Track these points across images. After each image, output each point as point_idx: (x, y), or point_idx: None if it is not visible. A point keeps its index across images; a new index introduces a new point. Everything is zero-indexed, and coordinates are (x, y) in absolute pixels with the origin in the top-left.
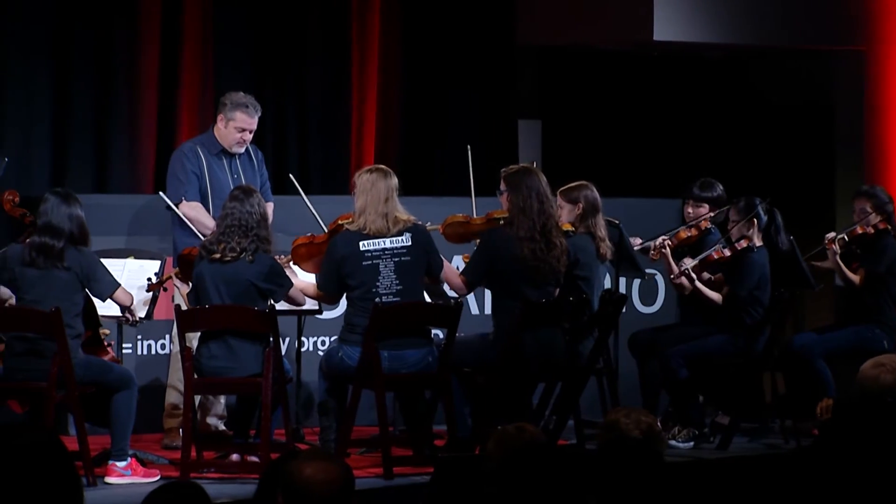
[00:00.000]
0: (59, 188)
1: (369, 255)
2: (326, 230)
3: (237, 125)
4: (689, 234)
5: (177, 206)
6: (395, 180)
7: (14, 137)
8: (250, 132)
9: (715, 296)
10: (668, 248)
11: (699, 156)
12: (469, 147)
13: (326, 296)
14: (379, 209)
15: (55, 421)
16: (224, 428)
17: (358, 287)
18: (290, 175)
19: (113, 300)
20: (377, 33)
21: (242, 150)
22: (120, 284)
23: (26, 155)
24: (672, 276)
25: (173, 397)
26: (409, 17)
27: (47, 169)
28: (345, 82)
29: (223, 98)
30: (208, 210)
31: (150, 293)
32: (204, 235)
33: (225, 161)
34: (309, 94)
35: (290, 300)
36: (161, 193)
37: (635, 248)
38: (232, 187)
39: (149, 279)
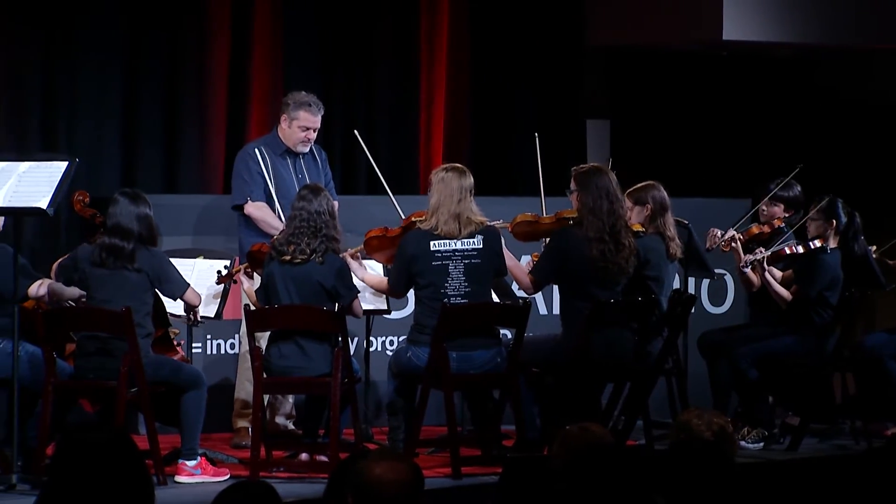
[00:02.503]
0: (127, 189)
1: (439, 255)
2: (402, 223)
3: (301, 124)
4: (761, 231)
5: (242, 206)
6: (470, 180)
7: (85, 138)
8: (314, 130)
9: (783, 292)
10: (738, 241)
11: (768, 155)
12: (537, 135)
13: (394, 290)
14: (451, 209)
15: (126, 420)
16: (293, 427)
17: (427, 286)
18: (356, 131)
19: (182, 300)
20: (446, 33)
21: (307, 149)
22: (190, 284)
23: (97, 156)
24: (741, 265)
25: (242, 396)
26: (478, 17)
27: (117, 169)
28: (413, 82)
29: (286, 98)
30: (273, 210)
31: (221, 286)
32: (270, 235)
33: (289, 161)
34: (378, 94)
35: (351, 311)
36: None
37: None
38: (297, 187)
39: (218, 272)
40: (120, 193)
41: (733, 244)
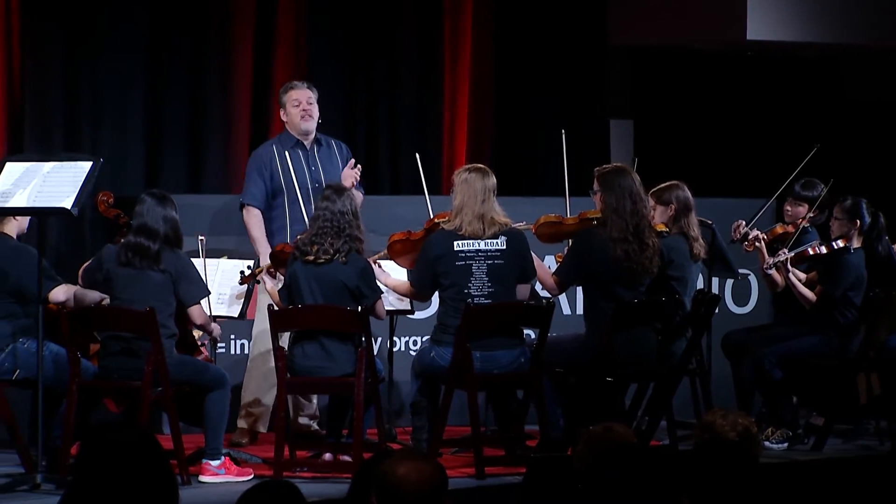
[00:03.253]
0: (155, 190)
1: (463, 255)
2: (424, 226)
3: (292, 101)
4: (785, 231)
5: (241, 207)
6: (493, 180)
7: (109, 139)
8: (307, 102)
9: (808, 293)
10: (762, 241)
11: (792, 155)
12: (563, 132)
13: (419, 293)
14: (475, 210)
15: (150, 420)
16: (317, 428)
17: (451, 286)
18: (417, 155)
19: (190, 312)
20: (469, 32)
21: (311, 125)
22: (209, 292)
23: (121, 156)
24: (765, 266)
25: (247, 398)
26: (501, 16)
27: (141, 170)
28: (436, 82)
29: None
30: (283, 204)
31: (244, 286)
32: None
33: (301, 153)
34: (401, 94)
35: (374, 312)
36: None
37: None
38: (310, 179)
39: (242, 272)
40: (147, 194)
41: (757, 244)
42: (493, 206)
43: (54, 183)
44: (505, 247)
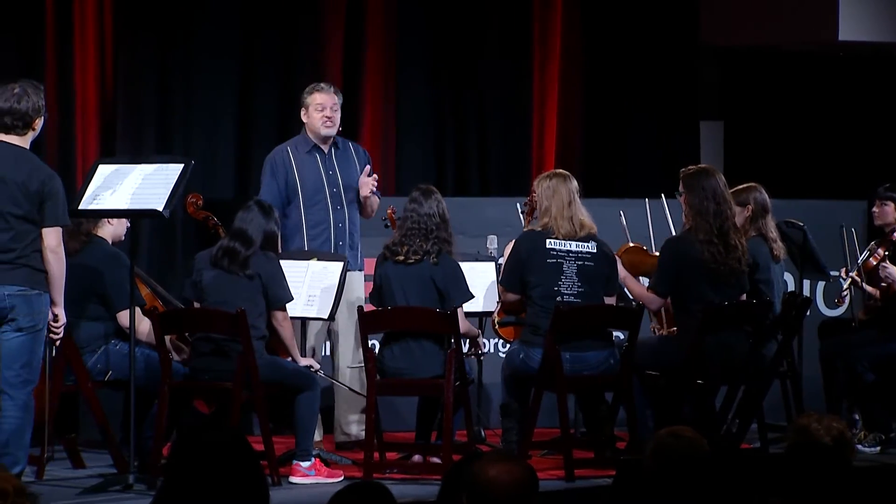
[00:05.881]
0: (263, 200)
1: (554, 253)
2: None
3: (316, 105)
4: (874, 257)
5: None
6: (574, 183)
7: (199, 140)
8: (332, 109)
9: None
10: (858, 280)
11: (886, 157)
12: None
13: (507, 290)
14: (565, 213)
15: (240, 421)
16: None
17: (539, 285)
18: (518, 205)
19: (274, 315)
20: (559, 33)
21: (332, 131)
22: (292, 298)
23: (211, 157)
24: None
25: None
26: (591, 17)
27: (231, 171)
28: (526, 84)
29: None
30: (299, 207)
31: (334, 287)
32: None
33: (318, 157)
34: (490, 96)
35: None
36: None
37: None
38: (326, 183)
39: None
40: (255, 202)
41: (853, 287)
42: (580, 208)
43: (146, 185)
44: (595, 250)
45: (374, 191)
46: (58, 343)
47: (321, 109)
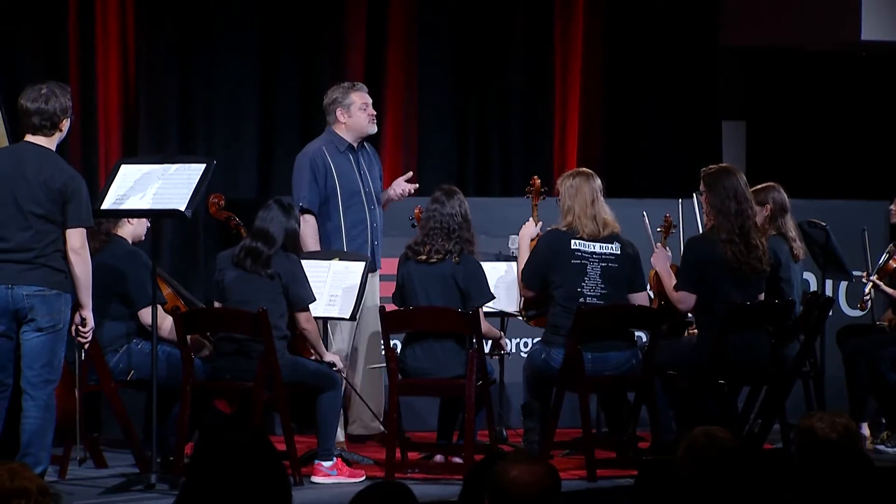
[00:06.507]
0: (284, 198)
1: (579, 254)
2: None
3: (361, 103)
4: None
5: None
6: (598, 182)
7: (221, 140)
8: (372, 106)
9: None
10: (880, 284)
11: None
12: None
13: (526, 288)
14: (588, 212)
15: (262, 421)
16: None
17: (562, 285)
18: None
19: (297, 316)
20: (580, 35)
21: (375, 128)
22: (315, 299)
23: (233, 158)
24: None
25: None
26: (612, 19)
27: (253, 172)
28: (548, 84)
29: (326, 100)
30: (338, 208)
31: (356, 287)
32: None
33: (352, 157)
34: (512, 97)
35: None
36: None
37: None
38: (360, 182)
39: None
40: (275, 201)
41: (874, 290)
42: (603, 206)
43: (169, 185)
44: (619, 252)
45: (406, 194)
46: (86, 346)
47: (365, 108)
